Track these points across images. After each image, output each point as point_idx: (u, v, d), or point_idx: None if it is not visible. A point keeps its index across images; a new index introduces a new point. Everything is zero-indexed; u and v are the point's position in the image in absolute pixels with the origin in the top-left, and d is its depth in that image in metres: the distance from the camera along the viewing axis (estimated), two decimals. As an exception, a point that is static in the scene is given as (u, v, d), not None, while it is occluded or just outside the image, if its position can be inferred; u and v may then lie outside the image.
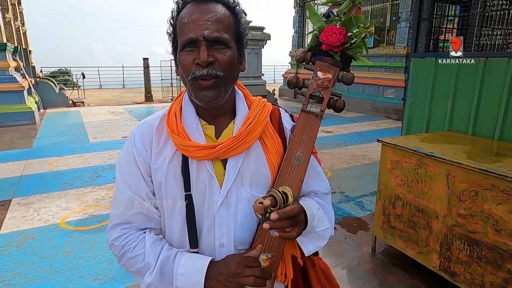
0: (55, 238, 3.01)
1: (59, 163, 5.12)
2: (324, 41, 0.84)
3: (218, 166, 0.83)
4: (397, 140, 2.57)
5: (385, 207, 2.62)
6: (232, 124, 0.85)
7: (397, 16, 9.96)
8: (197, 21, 0.75)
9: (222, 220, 0.83)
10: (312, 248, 0.85)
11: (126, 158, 0.87)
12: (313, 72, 0.88)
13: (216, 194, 0.82)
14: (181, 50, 0.78)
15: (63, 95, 11.44)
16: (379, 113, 9.88)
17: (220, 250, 0.84)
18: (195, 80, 0.76)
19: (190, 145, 0.80)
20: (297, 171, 0.83)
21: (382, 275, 2.54)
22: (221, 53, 0.76)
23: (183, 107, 0.87)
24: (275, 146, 0.87)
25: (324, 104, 0.86)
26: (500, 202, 1.87)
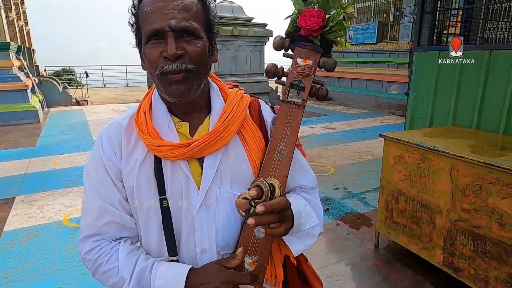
0: (58, 235, 3.02)
1: (63, 161, 5.14)
2: (302, 25, 0.78)
3: (194, 165, 0.77)
4: (399, 135, 2.54)
5: (388, 202, 2.60)
6: (208, 120, 0.79)
7: (401, 11, 9.88)
8: (161, 9, 0.68)
9: (202, 224, 0.77)
10: (300, 247, 0.79)
11: (94, 164, 0.80)
12: (293, 59, 0.82)
13: (194, 196, 0.76)
14: (146, 42, 0.71)
15: (67, 94, 11.49)
16: (382, 109, 9.82)
17: (202, 257, 0.78)
18: (163, 75, 0.70)
19: (161, 145, 0.74)
20: (281, 165, 0.77)
21: (386, 271, 2.52)
22: (191, 44, 0.70)
23: (153, 104, 0.80)
24: (255, 141, 0.81)
25: (306, 92, 0.80)
26: (504, 196, 1.85)
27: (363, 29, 10.89)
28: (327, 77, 12.12)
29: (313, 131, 7.00)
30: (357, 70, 11.16)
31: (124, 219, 0.80)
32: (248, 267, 0.75)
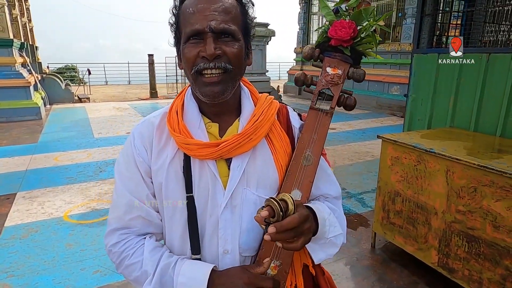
0: (58, 231, 3.05)
1: (64, 158, 5.18)
2: (333, 36, 0.80)
3: (222, 166, 0.78)
4: (397, 136, 2.56)
5: (385, 203, 2.62)
6: (237, 122, 0.81)
7: (403, 13, 9.87)
8: (203, 11, 0.70)
9: (226, 225, 0.78)
10: (323, 256, 0.79)
11: (125, 160, 0.82)
12: (322, 69, 0.84)
13: (220, 196, 0.77)
14: (185, 42, 0.73)
15: (69, 91, 11.54)
16: (383, 110, 9.82)
17: (224, 258, 0.79)
18: (199, 73, 0.72)
19: (192, 143, 0.75)
20: (306, 171, 0.78)
21: (381, 271, 2.54)
22: (229, 45, 0.72)
23: (185, 104, 0.82)
24: (283, 145, 0.82)
25: (334, 101, 0.82)
26: (499, 198, 1.86)
27: (365, 29, 10.88)
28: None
29: (313, 131, 7.01)
30: (358, 71, 11.14)
31: (150, 215, 0.81)
32: (270, 272, 0.75)
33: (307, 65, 13.02)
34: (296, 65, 14.49)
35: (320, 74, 0.84)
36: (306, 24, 13.44)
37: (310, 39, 13.34)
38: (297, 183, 0.78)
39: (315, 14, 13.26)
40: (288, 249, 0.67)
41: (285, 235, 0.64)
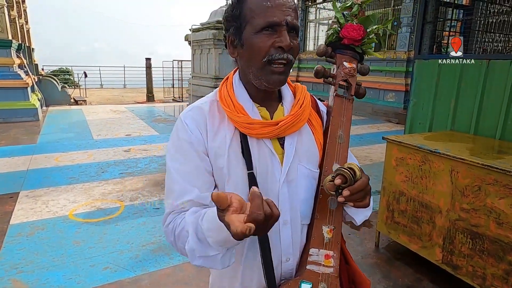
0: (64, 229, 3.06)
1: (64, 159, 5.17)
2: (346, 36, 0.93)
3: (276, 145, 0.85)
4: (402, 138, 2.65)
5: (389, 203, 2.70)
6: (281, 107, 0.89)
7: (399, 21, 10.09)
8: (281, 6, 0.78)
9: (284, 197, 0.85)
10: (362, 217, 0.92)
11: (177, 145, 0.85)
12: (337, 63, 0.97)
13: (278, 172, 0.84)
14: (257, 32, 0.78)
15: (66, 93, 11.50)
16: (379, 117, 9.98)
17: (284, 228, 0.85)
18: (270, 63, 0.78)
19: (255, 122, 0.81)
20: (342, 148, 0.90)
21: (386, 269, 2.61)
22: (295, 39, 0.80)
23: (235, 90, 0.87)
24: (319, 126, 0.93)
25: (352, 89, 0.95)
26: (502, 196, 1.95)
27: (362, 37, 11.08)
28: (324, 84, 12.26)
29: (311, 136, 7.11)
30: (354, 78, 11.32)
31: (202, 198, 0.82)
32: (326, 235, 0.86)
33: (302, 71, 13.21)
34: (292, 71, 14.65)
35: (337, 68, 0.96)
36: (303, 32, 13.62)
37: (306, 46, 13.51)
38: (336, 158, 0.90)
39: (311, 22, 13.47)
40: (359, 206, 0.78)
41: (356, 196, 0.75)
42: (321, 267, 0.85)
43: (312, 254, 0.86)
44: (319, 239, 0.86)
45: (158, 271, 2.49)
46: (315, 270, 0.85)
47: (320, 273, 0.85)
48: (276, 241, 0.86)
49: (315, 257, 0.86)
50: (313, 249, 0.86)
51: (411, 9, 9.26)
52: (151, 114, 9.87)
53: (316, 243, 0.86)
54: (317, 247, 0.86)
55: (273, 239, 0.85)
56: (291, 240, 0.87)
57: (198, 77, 8.32)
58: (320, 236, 0.86)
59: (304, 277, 0.85)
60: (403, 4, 9.71)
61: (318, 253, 0.86)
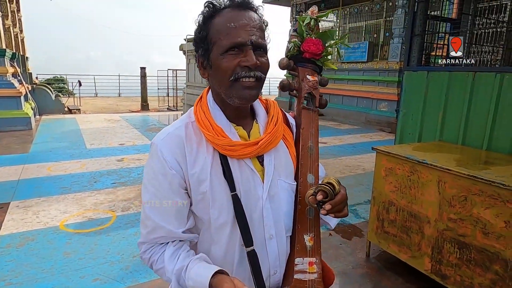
0: (55, 240, 3.04)
1: (57, 168, 5.15)
2: (307, 50, 0.96)
3: (255, 163, 0.88)
4: (391, 148, 2.69)
5: (379, 213, 2.72)
6: (256, 124, 0.91)
7: (390, 32, 10.27)
8: (245, 26, 0.80)
9: (268, 213, 0.87)
10: (335, 221, 0.98)
11: (151, 176, 0.85)
12: (300, 76, 1.00)
13: (260, 189, 0.87)
14: (223, 52, 0.80)
15: (59, 102, 11.47)
16: (372, 126, 10.07)
17: (270, 242, 0.88)
18: (237, 80, 0.80)
19: (237, 144, 0.83)
20: (313, 158, 0.95)
21: (376, 279, 2.62)
22: (263, 57, 0.83)
23: (212, 112, 0.87)
24: (291, 139, 0.97)
25: (317, 101, 0.99)
26: (487, 206, 1.99)
27: (354, 48, 11.25)
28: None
29: (305, 145, 7.15)
30: (348, 87, 11.46)
31: (174, 235, 0.86)
32: (308, 243, 0.90)
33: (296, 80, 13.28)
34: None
35: (301, 81, 0.99)
36: (296, 41, 13.77)
37: (300, 56, 13.65)
38: (309, 169, 0.94)
39: (305, 32, 13.64)
40: (339, 217, 0.85)
41: (337, 208, 0.81)
42: (306, 274, 0.89)
43: (297, 263, 0.90)
44: (302, 248, 0.90)
45: (149, 282, 2.48)
46: (302, 278, 0.89)
47: (306, 280, 0.89)
48: (263, 256, 0.88)
49: (300, 266, 0.90)
50: (298, 259, 0.90)
51: (402, 21, 9.44)
52: (145, 123, 9.87)
53: (301, 252, 0.90)
54: (302, 256, 0.90)
55: (261, 254, 0.87)
56: (278, 253, 0.90)
57: (192, 86, 8.37)
58: (303, 245, 0.90)
59: (293, 286, 0.89)
60: (394, 15, 9.90)
61: (303, 262, 0.90)
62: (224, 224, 0.86)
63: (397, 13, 9.72)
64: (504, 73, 2.67)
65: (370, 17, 11.47)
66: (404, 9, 9.42)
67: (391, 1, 10.43)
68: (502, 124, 2.68)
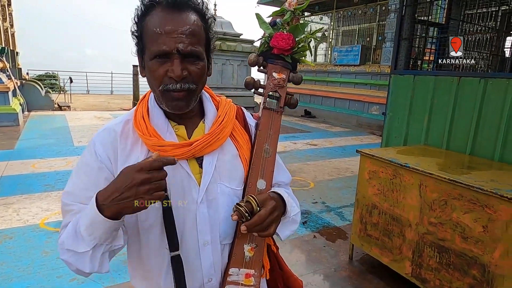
0: (34, 238, 2.98)
1: (42, 165, 5.07)
2: (275, 45, 0.91)
3: (193, 165, 0.83)
4: (375, 151, 2.69)
5: (362, 215, 2.72)
6: (202, 124, 0.86)
7: (383, 36, 10.33)
8: (171, 33, 0.73)
9: (204, 218, 0.83)
10: (288, 232, 0.91)
11: (79, 164, 0.83)
12: (268, 74, 0.95)
13: (195, 193, 0.82)
14: (151, 59, 0.76)
15: (49, 98, 11.31)
16: (363, 129, 10.12)
17: (204, 249, 0.84)
18: (166, 91, 0.76)
19: (166, 145, 0.79)
20: (267, 162, 0.89)
21: (358, 282, 2.61)
22: (194, 65, 0.77)
23: (150, 110, 0.84)
24: (245, 142, 0.90)
25: (282, 100, 0.93)
26: (466, 211, 1.99)
27: (347, 51, 11.30)
28: (311, 95, 12.44)
29: (295, 147, 7.15)
30: (340, 90, 11.50)
31: None
32: (247, 253, 0.85)
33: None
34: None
35: (267, 79, 0.94)
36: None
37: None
38: (261, 174, 0.88)
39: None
40: (263, 236, 0.80)
41: (256, 229, 0.76)
42: (240, 286, 0.84)
43: (232, 274, 0.85)
44: (239, 258, 0.85)
45: (127, 282, 2.43)
46: None
47: None
48: (196, 262, 0.84)
49: (234, 277, 0.85)
50: (233, 269, 0.85)
51: (395, 25, 9.50)
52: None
53: (236, 263, 0.85)
54: (237, 266, 0.85)
55: (194, 260, 0.84)
56: (212, 260, 0.85)
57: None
58: (241, 255, 0.85)
59: None
60: (387, 19, 9.97)
61: (238, 273, 0.85)
62: (152, 226, 0.82)
63: (389, 17, 9.79)
64: (488, 78, 2.69)
65: (363, 21, 11.54)
66: (397, 14, 9.49)
67: (384, 5, 10.50)
68: (485, 130, 2.69)
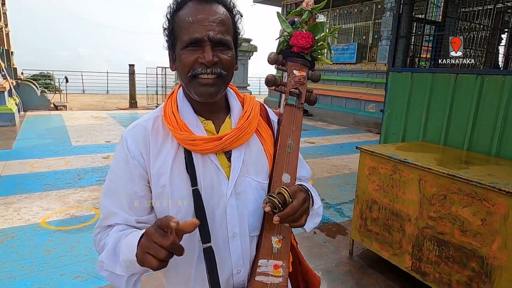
0: (35, 237, 2.98)
1: (40, 165, 5.06)
2: (295, 44, 0.94)
3: (222, 159, 0.85)
4: (374, 148, 2.72)
5: (362, 211, 2.75)
6: (229, 119, 0.89)
7: (379, 35, 10.39)
8: (202, 21, 0.77)
9: (233, 211, 0.85)
10: (311, 225, 0.93)
11: (114, 163, 0.85)
12: (288, 72, 0.97)
13: (224, 186, 0.84)
14: (183, 48, 0.79)
15: (45, 98, 11.25)
16: (360, 126, 10.18)
17: (233, 241, 0.86)
18: (195, 77, 0.79)
19: (198, 139, 0.81)
20: (291, 157, 0.91)
21: (359, 276, 2.65)
22: (224, 54, 0.80)
23: (179, 106, 0.87)
24: (269, 137, 0.93)
25: (302, 97, 0.95)
26: (465, 205, 2.03)
27: (344, 49, 11.35)
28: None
29: (293, 145, 7.18)
30: (337, 88, 11.55)
31: (128, 222, 0.84)
32: (275, 245, 0.87)
33: (287, 81, 13.32)
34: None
35: (288, 76, 0.96)
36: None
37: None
38: (285, 168, 0.90)
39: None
40: (295, 227, 0.80)
41: (289, 219, 0.77)
42: (269, 277, 0.86)
43: (261, 265, 0.87)
44: (268, 249, 0.87)
45: None
46: (264, 281, 0.85)
47: (268, 283, 0.85)
48: (226, 254, 0.86)
49: (264, 268, 0.86)
50: (262, 260, 0.86)
51: (391, 23, 9.54)
52: (133, 121, 9.67)
53: (265, 254, 0.87)
54: (266, 258, 0.87)
55: (223, 252, 0.86)
56: (241, 252, 0.88)
57: (181, 84, 8.31)
58: (269, 247, 0.87)
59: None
60: (383, 18, 10.02)
61: (267, 264, 0.86)
62: (183, 219, 0.82)
63: (385, 16, 9.84)
64: (485, 75, 2.73)
65: (360, 19, 11.59)
66: (393, 12, 9.53)
67: (380, 4, 10.56)
68: (482, 125, 2.74)
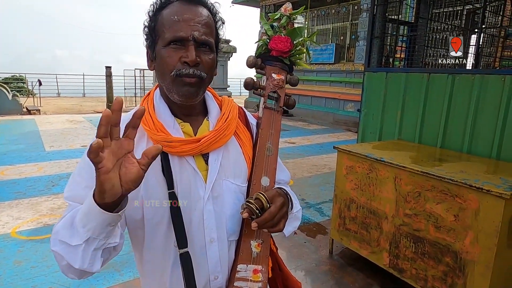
0: (5, 248, 2.85)
1: (11, 172, 4.85)
2: (274, 48, 0.94)
3: (199, 161, 0.84)
4: (351, 147, 2.75)
5: (341, 210, 2.78)
6: (206, 121, 0.88)
7: (356, 35, 10.57)
8: (188, 21, 0.78)
9: (210, 215, 0.83)
10: (290, 229, 0.92)
11: (81, 166, 0.80)
12: (266, 75, 0.97)
13: (202, 189, 0.82)
14: (166, 45, 0.78)
15: (17, 102, 10.85)
16: (340, 126, 10.31)
17: (211, 246, 0.84)
18: (178, 76, 0.78)
19: (175, 140, 0.79)
20: (270, 160, 0.91)
21: (339, 275, 2.67)
22: (206, 55, 0.80)
23: (156, 106, 0.85)
24: (247, 140, 0.92)
25: (281, 100, 0.96)
26: (439, 201, 2.07)
27: (322, 49, 11.48)
28: (288, 94, 12.54)
29: (274, 145, 7.20)
30: (316, 88, 11.67)
31: None
32: (255, 250, 0.85)
33: (267, 81, 13.37)
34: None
35: (267, 79, 0.97)
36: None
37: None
38: (264, 171, 0.90)
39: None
40: (273, 232, 0.80)
41: (267, 225, 0.76)
42: (248, 282, 0.85)
43: (240, 270, 0.85)
44: (247, 254, 0.86)
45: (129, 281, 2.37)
46: (243, 287, 0.84)
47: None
48: (202, 260, 0.84)
49: (243, 273, 0.85)
50: (241, 265, 0.85)
51: (367, 24, 9.74)
52: (110, 124, 9.51)
53: (244, 259, 0.86)
54: (245, 262, 0.86)
55: (200, 258, 0.83)
56: (219, 258, 0.86)
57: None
58: (248, 251, 0.86)
59: None
60: (359, 18, 10.20)
61: (246, 269, 0.85)
62: (159, 223, 0.81)
63: (362, 16, 10.02)
64: (455, 74, 2.81)
65: (337, 20, 11.76)
66: (369, 13, 9.74)
67: (357, 5, 10.74)
68: (454, 123, 2.81)
